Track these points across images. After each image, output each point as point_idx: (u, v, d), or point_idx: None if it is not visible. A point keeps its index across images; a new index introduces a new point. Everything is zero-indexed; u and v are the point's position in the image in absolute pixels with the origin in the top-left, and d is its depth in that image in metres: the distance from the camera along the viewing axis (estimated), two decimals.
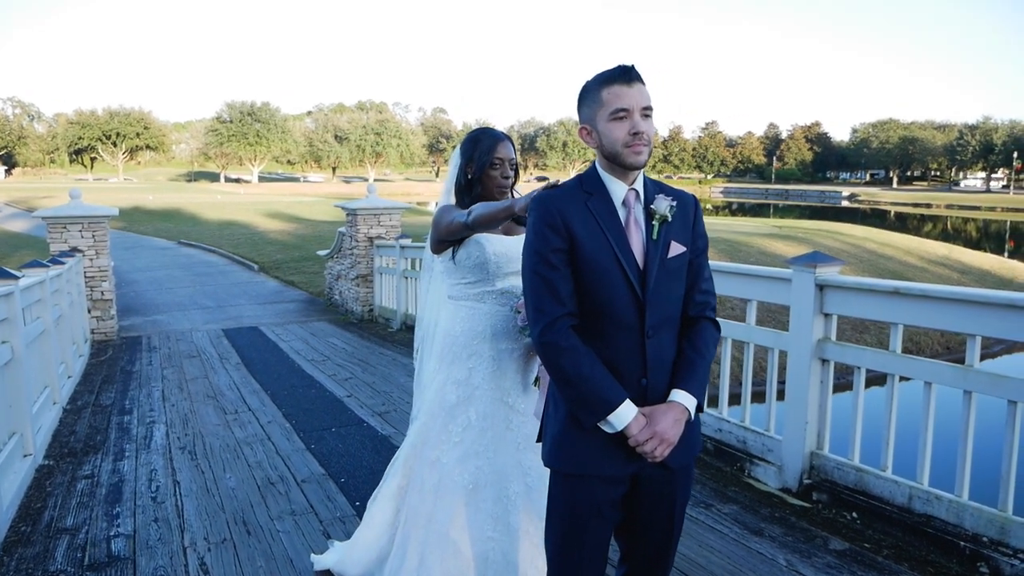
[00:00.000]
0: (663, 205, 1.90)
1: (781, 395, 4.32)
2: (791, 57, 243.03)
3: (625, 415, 1.84)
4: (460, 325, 2.68)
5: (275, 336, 9.61)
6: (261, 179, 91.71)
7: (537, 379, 2.65)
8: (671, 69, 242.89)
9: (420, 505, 2.66)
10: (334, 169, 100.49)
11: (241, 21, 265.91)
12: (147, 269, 18.05)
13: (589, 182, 1.93)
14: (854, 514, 3.73)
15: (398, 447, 4.93)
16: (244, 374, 7.41)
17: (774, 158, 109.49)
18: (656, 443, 1.84)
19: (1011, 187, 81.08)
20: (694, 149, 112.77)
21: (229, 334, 9.84)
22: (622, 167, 1.88)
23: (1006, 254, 27.23)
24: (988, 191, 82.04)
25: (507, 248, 2.65)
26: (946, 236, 36.36)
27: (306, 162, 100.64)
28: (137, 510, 4.03)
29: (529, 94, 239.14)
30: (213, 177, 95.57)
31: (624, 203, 1.91)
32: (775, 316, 9.12)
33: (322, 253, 13.53)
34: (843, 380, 4.17)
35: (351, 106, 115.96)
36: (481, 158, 2.64)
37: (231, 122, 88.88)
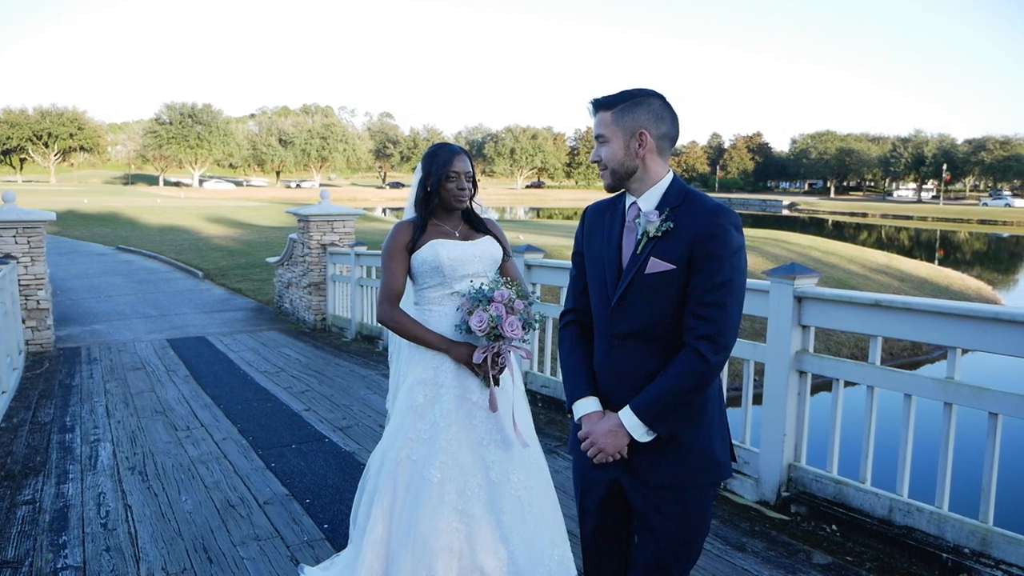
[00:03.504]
0: (644, 220, 1.95)
1: (756, 400, 4.29)
2: (734, 68, 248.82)
3: (579, 409, 2.07)
4: None
5: (224, 346, 9.27)
6: (202, 183, 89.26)
7: (496, 379, 2.74)
8: (618, 79, 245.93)
9: (392, 503, 2.73)
10: (278, 173, 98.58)
11: (181, 20, 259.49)
12: (84, 276, 17.31)
13: (619, 196, 2.08)
14: (834, 527, 3.71)
15: (362, 464, 4.82)
16: (194, 387, 7.10)
17: (717, 167, 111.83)
18: (588, 444, 2.00)
19: (940, 198, 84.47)
20: None
21: (175, 344, 9.46)
22: None
23: (936, 262, 28.26)
24: (919, 201, 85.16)
25: (461, 252, 2.80)
26: (881, 244, 37.58)
27: (249, 166, 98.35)
28: (86, 538, 3.76)
29: (477, 101, 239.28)
30: (151, 180, 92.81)
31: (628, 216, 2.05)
32: None
33: (271, 260, 13.16)
34: (818, 379, 4.14)
35: (296, 109, 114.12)
36: (438, 171, 2.78)
37: (171, 124, 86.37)
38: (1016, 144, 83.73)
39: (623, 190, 2.05)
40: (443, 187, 2.78)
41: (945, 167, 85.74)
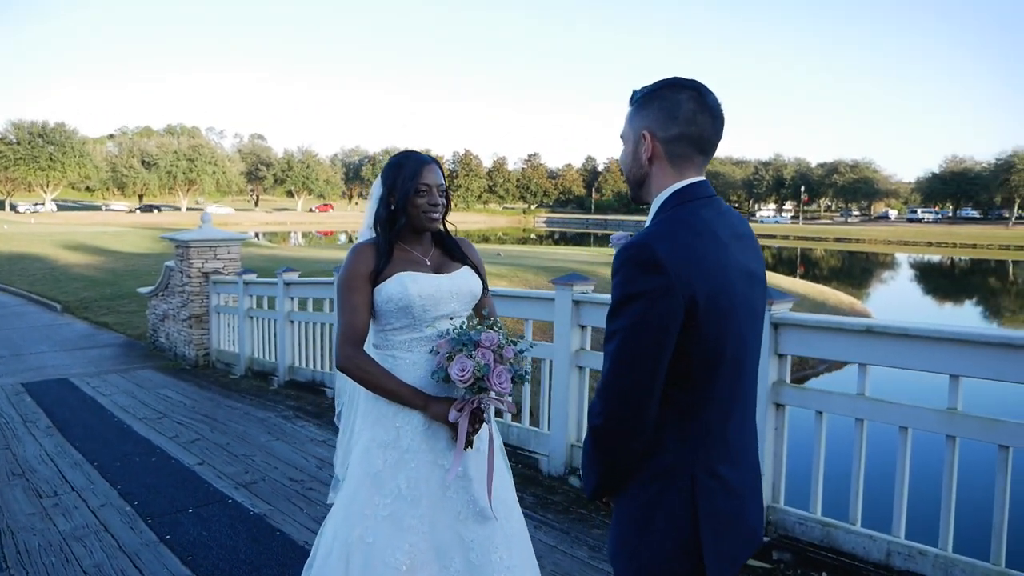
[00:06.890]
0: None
1: None
2: (604, 91, 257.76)
3: None
4: None
5: (92, 389, 8.16)
6: (59, 207, 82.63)
7: (471, 440, 2.23)
8: (494, 100, 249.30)
9: None
10: (140, 197, 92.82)
11: (29, 31, 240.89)
12: None
13: None
14: (824, 574, 3.40)
15: (277, 528, 4.13)
16: (59, 441, 6.09)
17: (593, 189, 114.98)
18: None
19: (800, 218, 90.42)
20: (518, 180, 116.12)
21: (32, 389, 8.24)
22: None
23: (797, 276, 29.85)
24: (778, 222, 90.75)
25: (436, 288, 2.30)
26: None
27: (108, 189, 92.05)
28: None
29: (353, 123, 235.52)
30: None
31: None
32: None
33: (144, 290, 11.95)
34: (799, 374, 3.87)
35: (160, 130, 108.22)
36: (404, 185, 2.30)
37: (18, 144, 79.46)
38: (864, 168, 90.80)
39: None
40: (411, 203, 2.29)
41: (803, 189, 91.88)
